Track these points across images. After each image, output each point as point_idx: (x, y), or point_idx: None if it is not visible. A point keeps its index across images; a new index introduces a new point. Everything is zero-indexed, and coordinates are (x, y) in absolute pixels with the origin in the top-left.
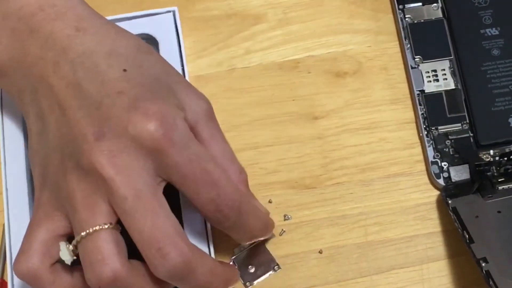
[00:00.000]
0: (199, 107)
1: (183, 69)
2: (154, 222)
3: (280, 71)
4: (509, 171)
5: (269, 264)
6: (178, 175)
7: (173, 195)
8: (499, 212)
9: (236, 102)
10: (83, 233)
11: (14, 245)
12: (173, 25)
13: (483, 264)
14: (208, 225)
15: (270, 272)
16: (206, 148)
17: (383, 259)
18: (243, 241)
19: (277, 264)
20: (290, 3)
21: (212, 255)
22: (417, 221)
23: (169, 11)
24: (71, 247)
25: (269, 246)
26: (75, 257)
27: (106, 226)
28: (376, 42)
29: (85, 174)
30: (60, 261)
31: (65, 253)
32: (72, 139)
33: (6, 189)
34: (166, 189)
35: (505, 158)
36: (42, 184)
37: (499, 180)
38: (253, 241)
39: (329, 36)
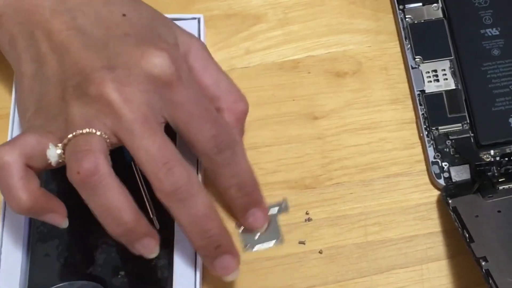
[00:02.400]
0: (191, 41)
1: None
2: (162, 144)
3: (280, 71)
4: (510, 171)
5: (274, 234)
6: (184, 113)
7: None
8: (499, 211)
9: None
10: (76, 132)
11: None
12: (197, 32)
13: (483, 263)
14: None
15: (274, 241)
16: (199, 79)
17: (383, 259)
18: (231, 189)
19: (279, 238)
20: (290, 3)
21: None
22: (417, 221)
23: (194, 18)
24: (59, 148)
25: None
26: (60, 160)
27: (102, 134)
28: (376, 42)
29: (91, 101)
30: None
31: (53, 151)
32: (78, 72)
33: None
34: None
35: (506, 158)
36: (34, 117)
37: (500, 180)
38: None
39: (329, 36)
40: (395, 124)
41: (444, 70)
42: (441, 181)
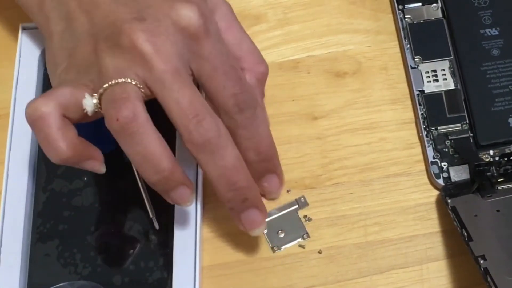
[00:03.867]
0: (218, 0)
1: None
2: (192, 96)
3: (280, 71)
4: (509, 171)
5: (299, 231)
6: (209, 67)
7: None
8: (498, 211)
9: None
10: (112, 81)
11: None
12: None
13: (481, 262)
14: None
15: (299, 240)
16: (222, 38)
17: (382, 259)
18: (249, 152)
19: (307, 233)
20: (290, 3)
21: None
22: (416, 221)
23: None
24: (95, 98)
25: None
26: (96, 110)
27: (137, 84)
28: (376, 42)
29: (122, 51)
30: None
31: (89, 101)
32: (108, 24)
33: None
34: None
35: (505, 159)
36: (66, 72)
37: (499, 180)
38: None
39: (329, 36)
40: (395, 124)
41: (444, 70)
42: (441, 181)
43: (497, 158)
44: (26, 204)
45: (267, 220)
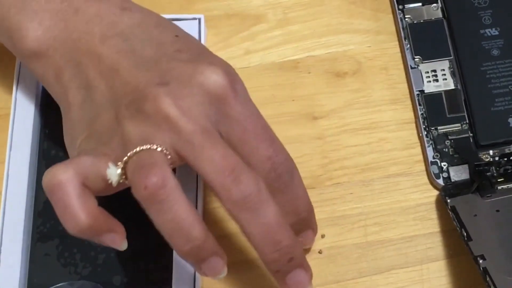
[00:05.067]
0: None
1: None
2: (225, 152)
3: (280, 71)
4: (509, 171)
5: None
6: (239, 127)
7: None
8: (497, 211)
9: None
10: (137, 149)
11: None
12: (197, 32)
13: (481, 261)
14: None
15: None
16: None
17: (382, 259)
18: (291, 217)
19: None
20: (290, 3)
21: None
22: (416, 221)
23: (195, 18)
24: (120, 167)
25: None
26: (120, 180)
27: (163, 150)
28: (376, 42)
29: (146, 117)
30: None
31: (113, 171)
32: (130, 91)
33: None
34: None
35: (505, 159)
36: (85, 143)
37: (499, 180)
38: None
39: (329, 36)
40: (395, 124)
41: (444, 70)
42: (440, 181)
43: (497, 158)
44: (26, 204)
45: None
